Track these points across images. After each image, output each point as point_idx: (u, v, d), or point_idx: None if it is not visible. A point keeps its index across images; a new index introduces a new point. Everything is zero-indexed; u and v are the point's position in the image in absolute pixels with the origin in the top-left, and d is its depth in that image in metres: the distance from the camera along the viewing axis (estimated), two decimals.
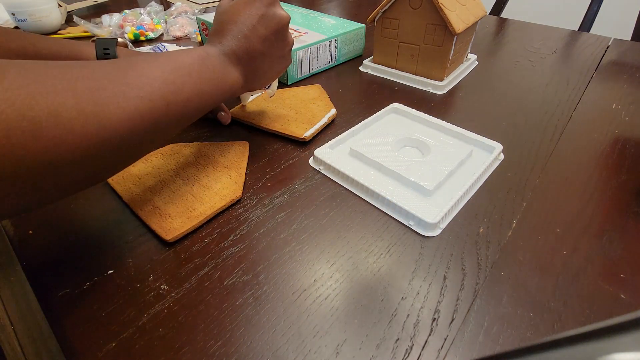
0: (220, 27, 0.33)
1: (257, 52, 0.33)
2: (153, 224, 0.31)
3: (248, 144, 0.41)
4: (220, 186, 0.35)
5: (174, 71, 0.27)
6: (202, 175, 0.36)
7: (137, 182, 0.35)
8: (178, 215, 0.31)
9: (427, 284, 0.27)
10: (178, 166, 0.37)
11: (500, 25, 0.78)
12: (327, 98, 0.49)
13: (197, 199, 0.33)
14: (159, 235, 0.30)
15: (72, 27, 0.77)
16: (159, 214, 0.32)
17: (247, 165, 0.38)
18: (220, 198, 0.33)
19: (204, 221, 0.32)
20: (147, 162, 0.38)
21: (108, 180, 0.36)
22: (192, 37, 0.72)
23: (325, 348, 0.23)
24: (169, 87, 0.26)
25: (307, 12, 0.68)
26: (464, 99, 0.51)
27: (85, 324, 0.25)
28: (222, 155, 0.39)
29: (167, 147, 0.40)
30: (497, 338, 0.24)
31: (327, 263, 0.29)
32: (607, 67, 0.59)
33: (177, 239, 0.30)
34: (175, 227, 0.30)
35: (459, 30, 0.47)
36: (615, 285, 0.27)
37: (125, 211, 0.33)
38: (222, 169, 0.37)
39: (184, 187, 0.34)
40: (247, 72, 0.34)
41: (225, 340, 0.24)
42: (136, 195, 0.34)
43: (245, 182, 0.36)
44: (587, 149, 0.40)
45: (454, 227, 0.31)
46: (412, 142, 0.41)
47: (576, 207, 0.33)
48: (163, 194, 0.34)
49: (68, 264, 0.29)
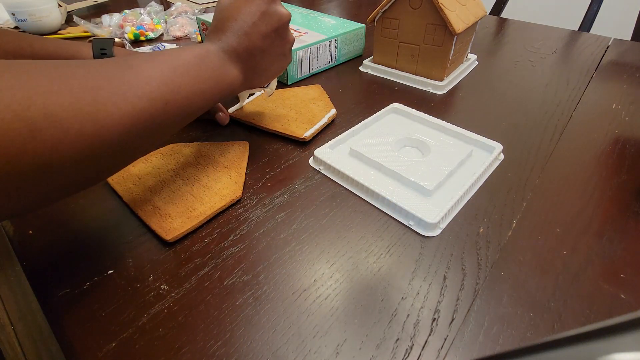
0: (220, 23, 0.33)
1: (258, 50, 0.33)
2: (153, 224, 0.31)
3: (248, 144, 0.41)
4: (220, 186, 0.35)
5: (172, 70, 0.27)
6: (202, 175, 0.36)
7: (137, 182, 0.35)
8: (178, 215, 0.31)
9: (427, 284, 0.27)
10: (178, 166, 0.37)
11: (500, 25, 0.78)
12: (327, 98, 0.49)
13: (197, 199, 0.33)
14: (159, 235, 0.30)
15: (72, 27, 0.77)
16: (159, 214, 0.32)
17: (247, 165, 0.38)
18: (221, 198, 0.33)
19: (204, 221, 0.32)
20: (147, 162, 0.38)
21: (108, 180, 0.36)
22: (192, 37, 0.72)
23: (325, 348, 0.23)
24: (167, 86, 0.26)
25: (307, 12, 0.68)
26: (464, 99, 0.51)
27: (85, 324, 0.25)
28: (222, 155, 0.39)
29: (167, 147, 0.40)
30: (497, 338, 0.24)
31: (327, 263, 0.29)
32: (607, 67, 0.59)
33: (177, 239, 0.30)
34: (175, 227, 0.30)
35: (459, 30, 0.47)
36: (615, 285, 0.27)
37: (125, 211, 0.33)
38: (222, 169, 0.37)
39: (184, 187, 0.34)
40: (247, 70, 0.33)
41: (225, 340, 0.24)
42: (136, 195, 0.34)
43: (245, 182, 0.36)
44: (587, 149, 0.40)
45: (454, 227, 0.31)
46: (412, 142, 0.41)
47: (576, 207, 0.33)
48: (163, 194, 0.34)
49: (68, 264, 0.29)
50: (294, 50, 0.52)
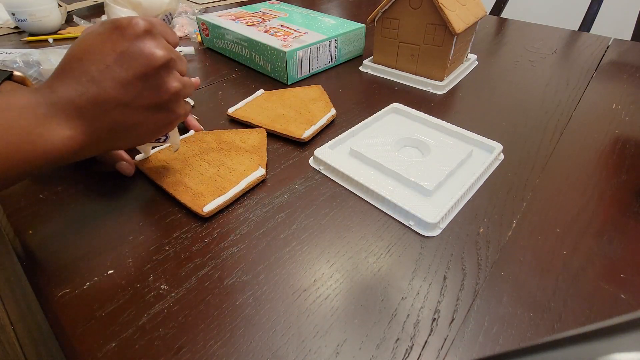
0: (65, 64, 0.25)
1: (113, 103, 0.25)
2: (187, 202, 0.33)
3: (265, 131, 0.42)
4: (244, 168, 0.37)
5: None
6: (226, 159, 0.38)
7: (166, 165, 0.37)
8: (210, 193, 0.33)
9: (427, 284, 0.27)
10: (202, 151, 0.39)
11: (500, 25, 0.78)
12: (327, 99, 0.49)
13: (225, 179, 0.35)
14: (195, 212, 0.32)
15: (72, 27, 0.78)
16: (192, 193, 0.34)
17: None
18: (247, 177, 0.35)
19: (235, 198, 0.34)
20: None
21: (138, 165, 0.37)
22: (192, 37, 0.72)
23: (325, 348, 0.23)
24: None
25: (307, 12, 0.68)
26: (464, 99, 0.51)
27: (85, 324, 0.25)
28: (242, 141, 0.41)
29: (189, 135, 0.42)
30: (497, 338, 0.24)
31: (327, 263, 0.29)
32: (607, 67, 0.59)
33: (213, 213, 0.32)
34: (210, 202, 0.32)
35: (459, 30, 0.47)
36: (615, 285, 0.27)
37: (125, 211, 0.33)
38: (245, 153, 0.39)
39: (211, 169, 0.36)
40: (94, 130, 0.26)
41: (225, 340, 0.24)
42: (167, 177, 0.36)
43: (267, 164, 0.38)
44: (587, 149, 0.40)
45: (454, 227, 0.31)
46: (412, 142, 0.41)
47: (576, 207, 0.33)
48: (192, 175, 0.36)
49: (68, 264, 0.29)
50: (295, 50, 0.52)
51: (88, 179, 0.37)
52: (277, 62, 0.54)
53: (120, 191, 0.36)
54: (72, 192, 0.36)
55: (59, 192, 0.35)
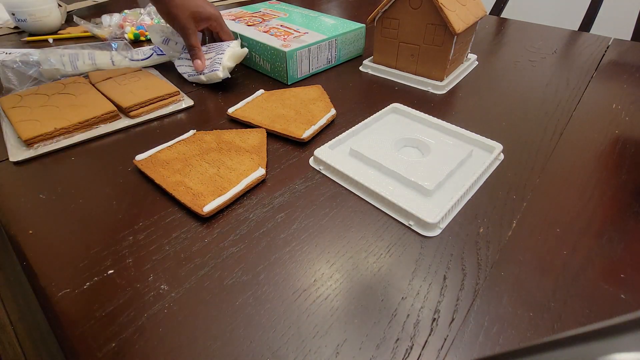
0: None
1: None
2: (187, 202, 0.33)
3: (265, 131, 0.42)
4: (244, 168, 0.37)
5: None
6: (226, 159, 0.38)
7: (166, 166, 0.37)
8: (210, 193, 0.33)
9: (427, 284, 0.27)
10: (202, 151, 0.39)
11: (500, 25, 0.78)
12: (327, 99, 0.49)
13: (225, 179, 0.35)
14: (195, 212, 0.32)
15: (72, 27, 0.78)
16: (192, 193, 0.34)
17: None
18: (247, 177, 0.35)
19: (235, 198, 0.34)
20: (172, 149, 0.39)
21: (137, 164, 0.37)
22: None
23: (325, 348, 0.23)
24: None
25: (307, 12, 0.68)
26: (464, 99, 0.51)
27: (85, 324, 0.25)
28: (242, 141, 0.41)
29: (189, 135, 0.42)
30: (497, 338, 0.24)
31: (327, 263, 0.29)
32: (607, 67, 0.59)
33: (213, 213, 0.32)
34: (210, 202, 0.32)
35: (459, 30, 0.47)
36: (615, 285, 0.27)
37: (126, 211, 0.33)
38: (245, 153, 0.39)
39: (211, 169, 0.36)
40: None
41: (225, 340, 0.24)
42: (167, 177, 0.36)
43: (267, 163, 0.38)
44: (587, 149, 0.40)
45: (454, 227, 0.31)
46: (412, 142, 0.41)
47: (576, 207, 0.33)
48: (192, 176, 0.36)
49: (68, 264, 0.29)
50: (294, 50, 0.52)
51: (88, 178, 0.37)
52: (277, 62, 0.54)
53: (120, 191, 0.36)
54: (72, 192, 0.36)
55: (59, 192, 0.36)
